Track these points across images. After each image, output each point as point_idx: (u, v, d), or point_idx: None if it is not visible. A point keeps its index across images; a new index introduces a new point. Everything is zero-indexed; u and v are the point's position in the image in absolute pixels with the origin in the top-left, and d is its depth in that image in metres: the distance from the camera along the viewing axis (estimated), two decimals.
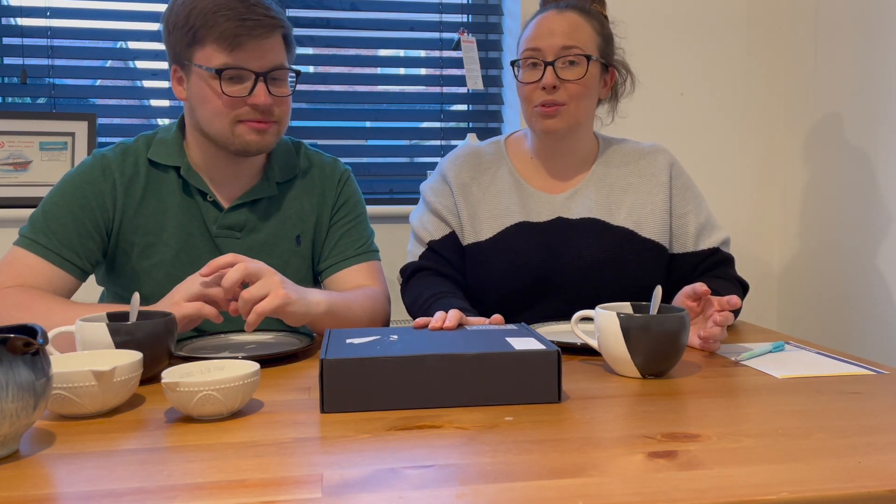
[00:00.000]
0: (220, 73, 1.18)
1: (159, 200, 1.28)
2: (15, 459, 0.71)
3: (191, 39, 1.19)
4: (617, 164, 1.41)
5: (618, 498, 0.61)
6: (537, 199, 1.38)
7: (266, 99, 1.21)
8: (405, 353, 0.87)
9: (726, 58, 2.29)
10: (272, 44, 1.21)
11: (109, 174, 1.26)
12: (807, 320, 2.23)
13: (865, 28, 1.96)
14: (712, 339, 1.09)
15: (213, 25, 1.17)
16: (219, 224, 1.29)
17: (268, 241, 1.33)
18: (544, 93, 1.30)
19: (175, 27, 1.21)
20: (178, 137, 1.30)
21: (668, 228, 1.37)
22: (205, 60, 1.19)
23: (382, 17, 2.37)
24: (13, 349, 0.69)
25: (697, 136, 2.29)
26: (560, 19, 1.31)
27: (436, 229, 1.40)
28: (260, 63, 1.20)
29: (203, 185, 1.28)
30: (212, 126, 1.23)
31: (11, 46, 2.15)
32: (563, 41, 1.29)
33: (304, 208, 1.37)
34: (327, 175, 1.40)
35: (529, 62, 1.32)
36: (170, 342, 0.99)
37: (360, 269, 1.37)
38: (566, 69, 1.30)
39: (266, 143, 1.25)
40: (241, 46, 1.18)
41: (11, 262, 1.20)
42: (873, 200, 1.94)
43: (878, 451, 0.71)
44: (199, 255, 1.28)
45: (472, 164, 1.43)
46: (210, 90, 1.20)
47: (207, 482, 0.65)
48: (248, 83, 1.20)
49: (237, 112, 1.21)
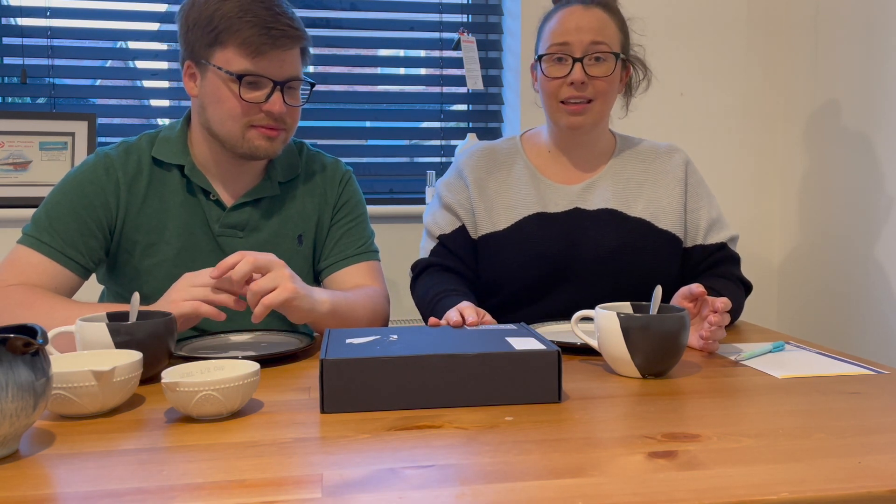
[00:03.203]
0: (241, 79, 1.19)
1: (162, 199, 1.28)
2: (15, 459, 0.71)
3: (212, 40, 1.20)
4: (633, 161, 1.42)
5: (618, 498, 0.61)
6: (554, 190, 1.39)
7: (281, 107, 1.22)
8: (405, 353, 0.87)
9: (726, 57, 2.29)
10: (292, 55, 1.24)
11: (113, 173, 1.26)
12: (807, 319, 2.23)
13: (865, 27, 1.96)
14: (710, 339, 1.09)
15: (238, 30, 1.18)
16: (221, 223, 1.29)
17: (270, 240, 1.33)
18: (571, 88, 1.30)
19: (196, 25, 1.21)
20: (182, 135, 1.30)
21: (683, 222, 1.38)
22: (225, 63, 1.20)
23: (382, 17, 2.37)
24: (13, 349, 0.69)
25: (697, 136, 2.29)
26: (588, 15, 1.31)
27: (447, 224, 1.41)
28: (280, 72, 1.22)
29: (206, 184, 1.29)
30: (223, 127, 1.23)
31: (11, 46, 2.15)
32: (593, 37, 1.29)
33: (306, 208, 1.37)
34: (329, 175, 1.40)
35: (557, 57, 1.31)
36: (170, 342, 0.99)
37: (359, 269, 1.37)
38: (594, 65, 1.30)
39: (274, 150, 1.26)
40: (264, 55, 1.19)
41: (15, 261, 1.21)
42: (873, 200, 1.94)
43: (878, 451, 0.71)
44: (201, 254, 1.28)
45: (488, 159, 1.44)
46: (228, 92, 1.21)
47: (207, 482, 0.65)
48: (265, 90, 1.21)
49: (251, 117, 1.22)
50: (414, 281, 1.40)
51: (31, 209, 1.94)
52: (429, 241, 1.43)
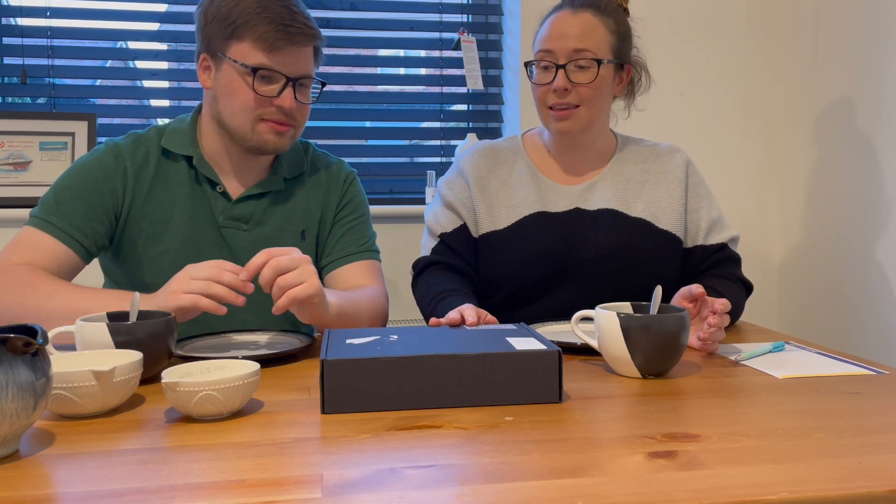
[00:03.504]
0: (256, 72, 1.22)
1: (169, 189, 1.30)
2: (15, 459, 0.71)
3: (229, 34, 1.23)
4: (634, 161, 1.42)
5: (618, 498, 0.61)
6: (554, 191, 1.39)
7: (292, 103, 1.25)
8: (405, 353, 0.87)
9: (727, 58, 2.29)
10: (306, 53, 1.27)
11: (122, 161, 1.28)
12: (807, 319, 2.23)
13: (865, 28, 1.96)
14: (709, 340, 1.09)
15: (255, 25, 1.21)
16: (226, 215, 1.31)
17: (273, 234, 1.35)
18: (556, 95, 1.31)
19: (214, 19, 1.24)
20: (192, 128, 1.33)
21: (683, 223, 1.38)
22: (241, 56, 1.22)
23: (382, 17, 2.37)
24: (13, 349, 0.69)
25: (697, 136, 2.29)
26: (573, 20, 1.31)
27: (448, 222, 1.41)
28: (293, 69, 1.24)
29: (214, 175, 1.31)
30: (234, 119, 1.26)
31: (11, 46, 2.15)
32: (575, 44, 1.29)
33: (310, 204, 1.39)
34: (333, 174, 1.43)
35: (542, 64, 1.32)
36: (170, 342, 0.99)
37: (360, 266, 1.38)
38: (577, 72, 1.30)
39: (282, 145, 1.29)
40: (280, 51, 1.22)
41: (21, 241, 1.23)
42: (874, 200, 1.94)
43: (878, 451, 0.71)
44: (204, 245, 1.30)
45: (489, 157, 1.44)
46: (242, 84, 1.23)
47: (207, 482, 0.65)
48: (277, 85, 1.24)
49: (262, 110, 1.25)
50: (415, 279, 1.40)
51: (32, 209, 1.94)
52: (430, 239, 1.43)
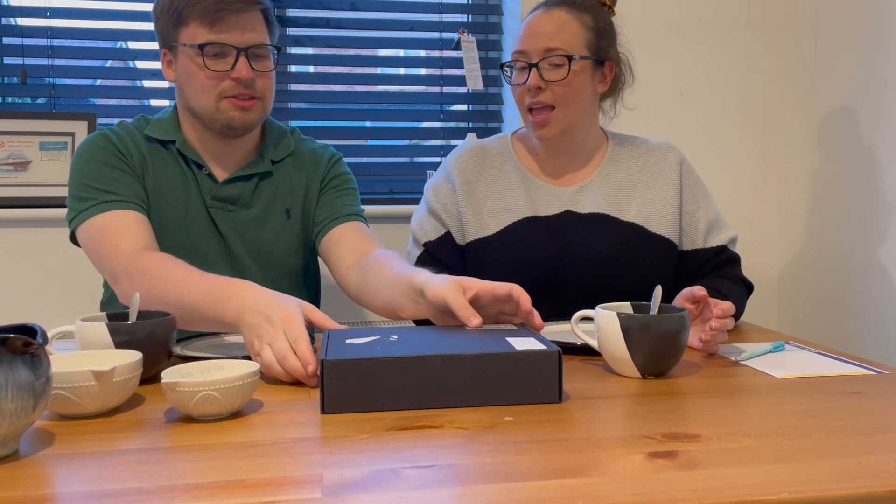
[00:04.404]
0: (203, 49, 1.23)
1: (159, 169, 1.32)
2: (15, 459, 0.71)
3: (176, 21, 1.26)
4: (626, 161, 1.41)
5: (618, 498, 0.61)
6: (545, 192, 1.38)
7: (248, 73, 1.25)
8: (405, 353, 0.87)
9: (726, 58, 2.29)
10: (252, 19, 1.27)
11: (118, 138, 1.31)
12: (807, 320, 2.23)
13: (865, 28, 1.96)
14: (712, 342, 1.09)
15: (196, 4, 1.23)
16: (213, 195, 1.33)
17: (260, 215, 1.37)
18: (530, 94, 1.31)
19: (162, 12, 1.28)
20: (174, 116, 1.36)
21: (678, 225, 1.37)
22: (189, 39, 1.25)
23: (382, 17, 2.37)
24: (13, 349, 0.69)
25: (697, 136, 2.28)
26: (546, 19, 1.32)
27: (432, 230, 1.41)
28: (241, 39, 1.25)
29: (198, 158, 1.33)
30: (198, 102, 1.28)
31: (11, 46, 2.15)
32: (546, 42, 1.29)
33: (294, 183, 1.41)
34: (318, 155, 1.45)
35: (518, 65, 1.33)
36: (170, 342, 0.99)
37: (352, 227, 1.37)
38: (550, 71, 1.30)
39: (249, 121, 1.29)
40: (222, 21, 1.23)
41: (103, 231, 1.20)
42: (873, 201, 1.94)
43: (878, 451, 0.71)
44: (195, 224, 1.32)
45: (477, 159, 1.43)
46: (195, 66, 1.25)
47: (207, 482, 0.65)
48: (230, 58, 1.25)
49: (221, 87, 1.26)
50: None
51: (32, 209, 1.94)
52: (415, 247, 1.43)
